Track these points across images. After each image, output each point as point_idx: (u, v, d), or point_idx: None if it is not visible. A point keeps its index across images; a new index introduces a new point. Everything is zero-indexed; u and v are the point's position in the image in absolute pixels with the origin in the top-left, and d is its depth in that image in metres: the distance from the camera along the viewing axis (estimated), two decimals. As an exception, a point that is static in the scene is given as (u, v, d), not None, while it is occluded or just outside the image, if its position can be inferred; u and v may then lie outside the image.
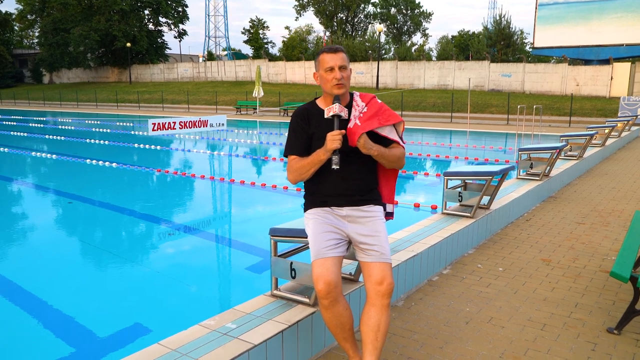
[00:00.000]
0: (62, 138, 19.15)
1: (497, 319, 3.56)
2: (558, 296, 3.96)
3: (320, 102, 2.81)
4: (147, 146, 15.74)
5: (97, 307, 4.49)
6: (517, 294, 4.01)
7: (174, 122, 8.94)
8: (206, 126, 9.52)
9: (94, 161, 12.24)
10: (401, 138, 2.86)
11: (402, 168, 2.95)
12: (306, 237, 2.92)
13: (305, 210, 2.84)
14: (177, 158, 14.27)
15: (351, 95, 2.81)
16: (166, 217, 7.76)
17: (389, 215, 2.95)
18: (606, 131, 12.26)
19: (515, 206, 6.15)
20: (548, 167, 7.45)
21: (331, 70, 2.66)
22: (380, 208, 2.81)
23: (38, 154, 15.12)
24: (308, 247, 3.29)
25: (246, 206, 8.54)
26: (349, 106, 2.76)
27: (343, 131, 2.58)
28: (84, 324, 4.14)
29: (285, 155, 2.82)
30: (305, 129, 2.76)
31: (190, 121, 9.18)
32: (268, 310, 2.98)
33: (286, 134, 3.37)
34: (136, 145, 15.91)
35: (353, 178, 2.74)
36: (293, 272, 3.05)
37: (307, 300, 3.04)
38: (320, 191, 2.75)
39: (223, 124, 9.93)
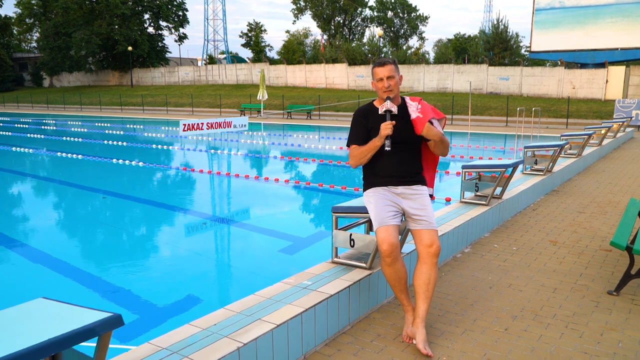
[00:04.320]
0: (80, 139, 19.78)
1: (516, 285, 4.24)
2: (565, 268, 4.64)
3: (376, 103, 3.50)
4: (163, 147, 16.39)
5: (161, 283, 5.17)
6: (530, 267, 4.69)
7: (202, 123, 9.61)
8: (230, 127, 10.20)
9: (120, 160, 12.93)
10: (443, 130, 3.57)
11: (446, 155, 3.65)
12: (363, 213, 3.61)
13: (365, 189, 3.52)
14: (196, 158, 14.91)
15: (402, 98, 3.49)
16: (196, 210, 8.43)
17: (430, 197, 3.63)
18: (603, 132, 12.98)
19: (523, 197, 6.85)
20: (551, 164, 8.15)
21: (380, 80, 3.36)
22: (426, 187, 3.49)
23: (59, 154, 15.75)
24: (362, 223, 3.99)
25: (266, 199, 9.20)
26: (402, 106, 3.44)
27: (394, 122, 3.27)
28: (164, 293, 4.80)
29: (348, 145, 3.50)
30: (364, 124, 3.45)
31: (217, 122, 9.85)
32: (333, 272, 3.65)
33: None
34: (154, 146, 16.57)
35: (404, 163, 3.42)
36: (352, 241, 3.72)
37: (363, 264, 3.71)
38: (379, 174, 3.43)
39: (245, 125, 10.61)
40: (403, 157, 3.41)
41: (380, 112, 3.34)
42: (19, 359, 1.59)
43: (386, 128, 3.22)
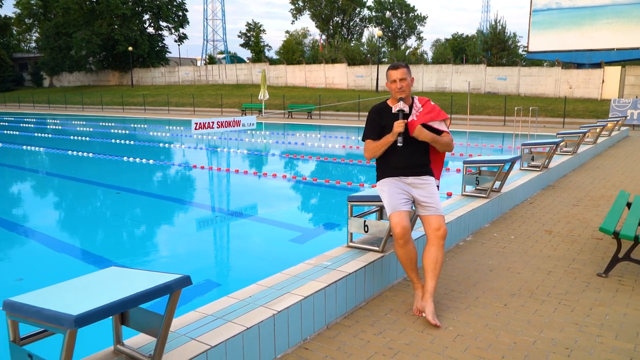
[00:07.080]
0: (87, 139, 20.15)
1: (514, 268, 4.64)
2: (559, 254, 5.05)
3: (389, 102, 3.89)
4: (172, 145, 16.76)
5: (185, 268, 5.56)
6: (527, 253, 5.09)
7: (212, 122, 10.01)
8: (239, 126, 10.59)
9: (131, 159, 13.32)
10: (447, 129, 3.96)
11: (451, 151, 4.05)
12: (376, 201, 4.00)
13: (378, 179, 3.91)
14: (204, 157, 15.29)
15: (413, 98, 3.89)
16: (205, 204, 8.82)
17: (437, 187, 4.02)
18: (597, 130, 13.40)
19: (520, 191, 7.25)
20: (547, 160, 8.55)
21: (394, 82, 3.75)
22: (434, 178, 3.89)
23: (69, 152, 16.12)
24: (374, 212, 4.39)
25: (275, 195, 9.59)
26: (411, 106, 3.84)
27: (406, 120, 3.67)
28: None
29: (363, 140, 3.90)
30: (378, 121, 3.85)
31: (226, 121, 10.25)
32: (349, 255, 4.05)
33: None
34: (161, 145, 16.95)
35: (414, 156, 3.81)
36: (366, 227, 4.12)
37: (376, 248, 4.11)
38: (392, 166, 3.82)
39: (253, 124, 11.01)
40: (413, 150, 3.80)
41: (393, 112, 3.73)
42: (119, 306, 1.98)
43: (399, 126, 3.62)
